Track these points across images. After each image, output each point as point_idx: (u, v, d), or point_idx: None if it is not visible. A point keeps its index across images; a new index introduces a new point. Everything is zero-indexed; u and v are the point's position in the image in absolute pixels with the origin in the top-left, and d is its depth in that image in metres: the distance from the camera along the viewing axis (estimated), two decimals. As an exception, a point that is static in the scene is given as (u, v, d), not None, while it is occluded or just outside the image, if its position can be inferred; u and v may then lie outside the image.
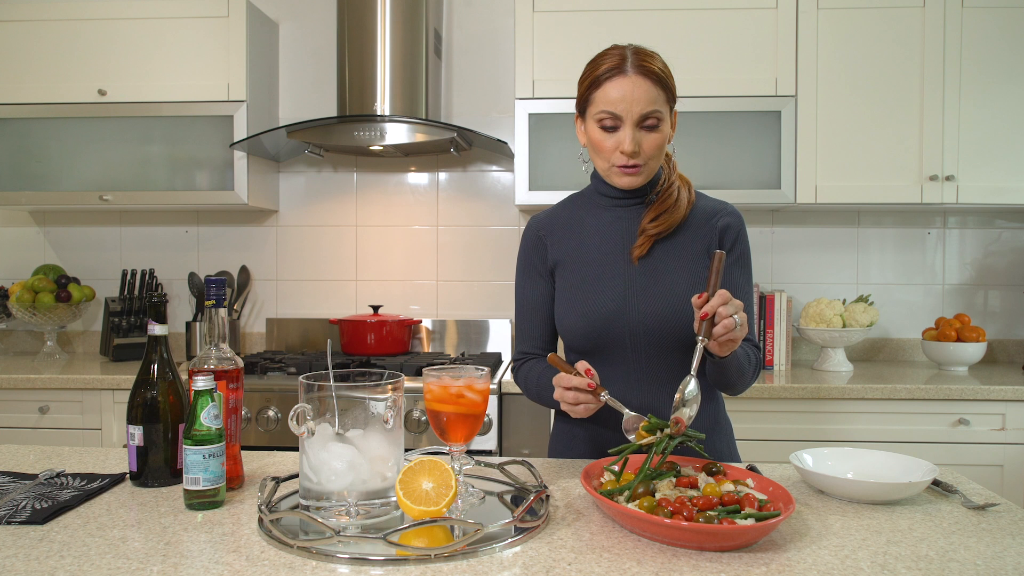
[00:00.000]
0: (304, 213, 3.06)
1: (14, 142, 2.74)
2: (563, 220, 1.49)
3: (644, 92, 1.30)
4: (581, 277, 1.41)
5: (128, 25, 2.69)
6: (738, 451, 1.51)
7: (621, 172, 1.35)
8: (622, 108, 1.30)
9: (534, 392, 1.46)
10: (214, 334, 1.24)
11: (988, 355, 2.87)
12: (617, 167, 1.35)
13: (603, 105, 1.31)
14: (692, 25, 2.57)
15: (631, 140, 1.31)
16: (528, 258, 1.49)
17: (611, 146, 1.33)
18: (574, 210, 1.49)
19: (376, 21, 2.63)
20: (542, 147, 2.62)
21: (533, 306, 1.48)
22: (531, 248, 1.49)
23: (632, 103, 1.30)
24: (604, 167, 1.38)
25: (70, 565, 0.90)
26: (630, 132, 1.31)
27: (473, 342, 2.96)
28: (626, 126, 1.31)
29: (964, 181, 2.54)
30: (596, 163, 1.40)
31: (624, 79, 1.30)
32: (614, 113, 1.31)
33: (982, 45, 2.52)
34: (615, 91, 1.30)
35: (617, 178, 1.37)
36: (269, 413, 2.31)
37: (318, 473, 1.04)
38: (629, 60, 1.31)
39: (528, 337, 1.50)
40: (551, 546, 0.97)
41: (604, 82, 1.31)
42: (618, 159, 1.34)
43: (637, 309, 1.36)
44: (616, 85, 1.30)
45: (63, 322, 2.90)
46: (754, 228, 2.96)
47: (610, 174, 1.38)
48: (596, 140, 1.35)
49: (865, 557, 0.93)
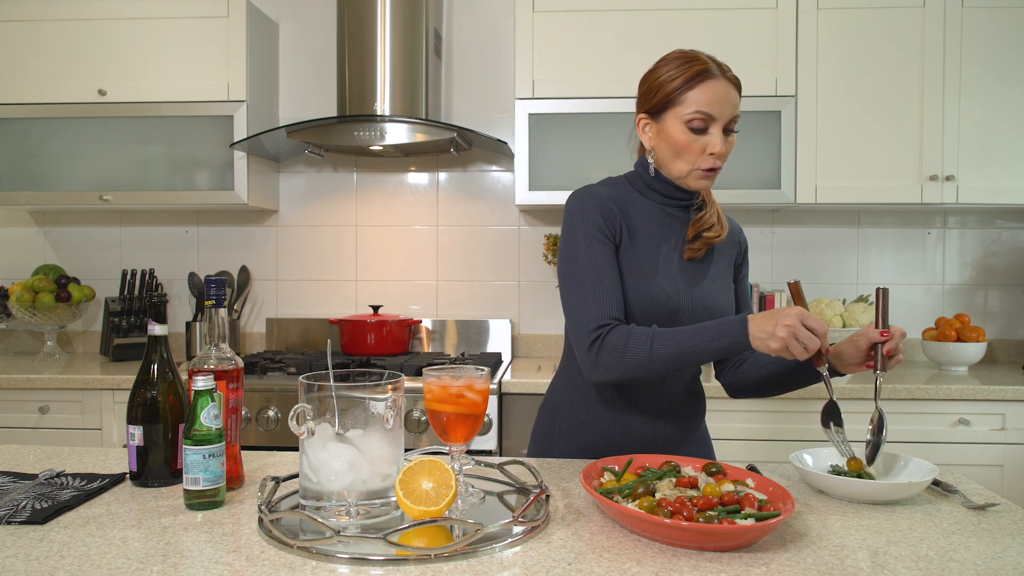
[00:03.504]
0: (304, 213, 3.06)
1: (14, 142, 2.74)
2: (620, 199, 1.43)
3: (732, 97, 1.33)
4: (637, 263, 1.38)
5: (128, 25, 2.69)
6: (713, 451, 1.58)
7: (702, 175, 1.35)
8: (717, 110, 1.30)
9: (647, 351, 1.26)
10: (214, 334, 1.24)
11: (988, 355, 2.87)
12: (702, 170, 1.35)
13: (697, 106, 1.30)
14: (692, 25, 2.57)
15: (723, 141, 1.32)
16: (596, 224, 1.37)
17: (699, 148, 1.33)
18: (625, 195, 1.44)
19: (376, 21, 2.63)
20: (542, 147, 2.62)
21: (613, 269, 1.36)
22: (605, 215, 1.38)
23: (726, 105, 1.31)
24: (685, 169, 1.35)
25: (70, 565, 0.90)
26: (721, 134, 1.32)
27: (473, 342, 2.96)
28: (717, 128, 1.32)
29: (964, 181, 2.54)
30: (672, 164, 1.36)
31: (719, 82, 1.31)
32: (709, 114, 1.30)
33: (982, 45, 2.52)
34: (711, 93, 1.30)
35: (696, 181, 1.36)
36: (269, 413, 2.31)
37: (318, 473, 1.04)
38: (715, 65, 1.33)
39: (610, 302, 1.33)
40: (551, 546, 0.97)
41: (698, 84, 1.31)
42: (705, 161, 1.33)
43: (688, 304, 1.40)
44: (712, 87, 1.31)
45: (63, 322, 2.90)
46: (754, 228, 2.96)
47: (689, 177, 1.36)
48: (683, 141, 1.33)
49: (865, 557, 0.93)
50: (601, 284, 1.34)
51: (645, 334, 1.27)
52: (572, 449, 1.45)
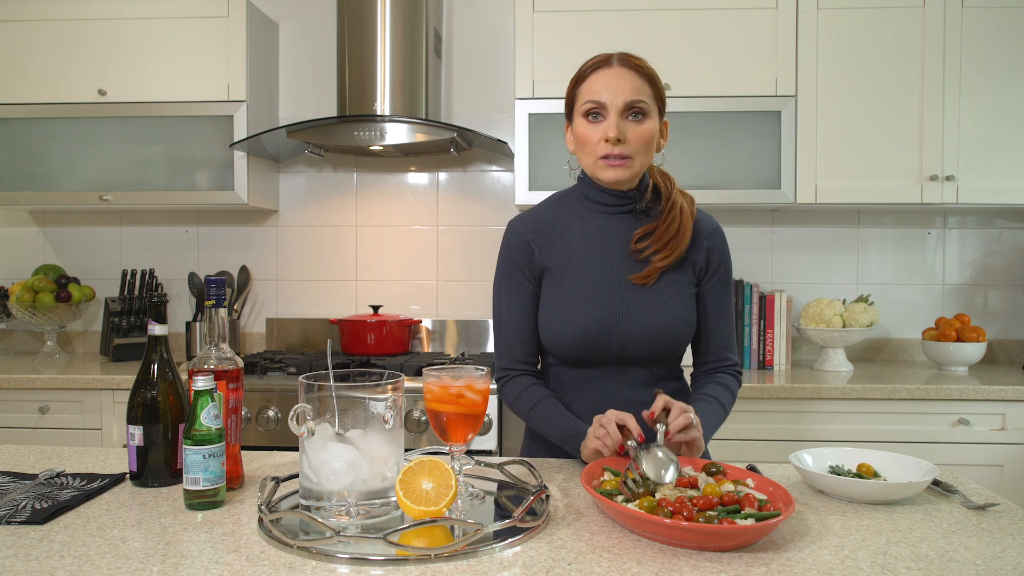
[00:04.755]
0: (304, 213, 3.06)
1: (14, 142, 2.74)
2: (549, 224, 1.42)
3: (629, 82, 1.31)
4: (571, 287, 1.37)
5: (128, 25, 2.69)
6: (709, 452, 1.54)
7: (606, 164, 1.33)
8: (607, 96, 1.31)
9: (534, 419, 1.40)
10: (214, 334, 1.24)
11: (988, 355, 2.87)
12: (601, 158, 1.33)
13: (588, 95, 1.33)
14: (692, 25, 2.57)
15: (615, 126, 1.31)
16: (513, 262, 1.41)
17: (596, 137, 1.33)
18: (560, 213, 1.43)
19: (376, 21, 2.63)
20: (542, 147, 2.62)
21: (519, 314, 1.41)
22: (517, 252, 1.41)
23: (617, 92, 1.31)
24: (590, 162, 1.36)
25: (70, 565, 0.90)
26: (615, 119, 1.31)
27: (473, 342, 2.96)
28: (611, 114, 1.31)
29: (964, 181, 2.54)
30: (583, 161, 1.38)
31: (609, 70, 1.33)
32: (599, 101, 1.32)
33: (982, 45, 2.52)
34: (599, 81, 1.32)
35: (602, 172, 1.34)
36: (269, 413, 2.31)
37: (318, 473, 1.04)
38: (615, 56, 1.34)
39: (514, 349, 1.42)
40: (551, 546, 0.97)
41: (589, 75, 1.34)
42: (603, 148, 1.32)
43: (629, 323, 1.35)
44: (600, 76, 1.33)
45: (63, 322, 2.90)
46: (754, 228, 2.96)
47: (596, 169, 1.35)
48: (582, 134, 1.34)
49: (865, 557, 0.93)
50: (506, 331, 1.43)
51: (528, 401, 1.39)
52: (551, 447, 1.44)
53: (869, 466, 1.23)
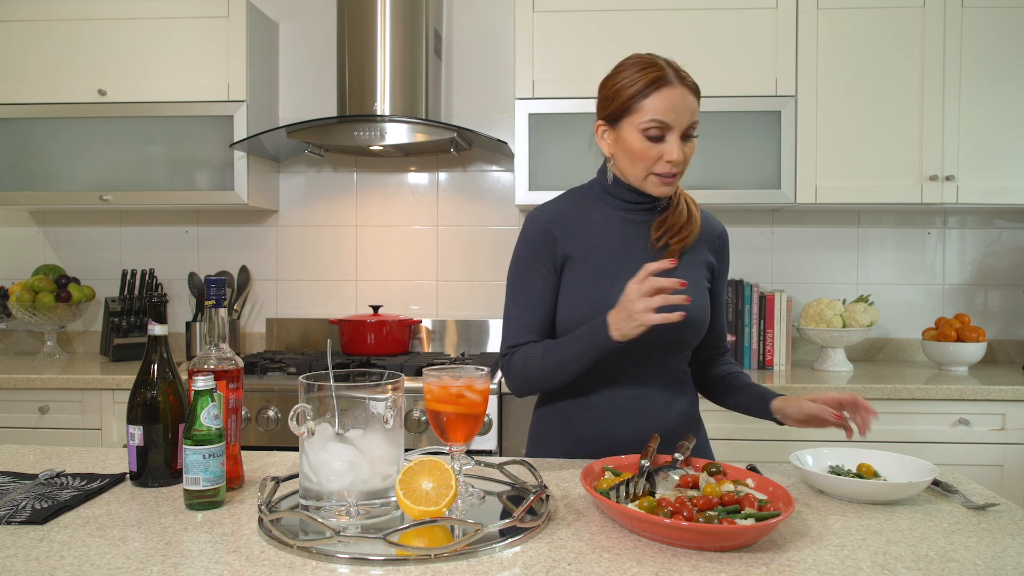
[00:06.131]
0: (304, 213, 3.06)
1: (14, 142, 2.74)
2: (571, 215, 1.44)
3: (689, 104, 1.31)
4: (592, 275, 1.39)
5: (128, 25, 2.69)
6: (712, 451, 1.57)
7: (660, 181, 1.34)
8: (673, 118, 1.30)
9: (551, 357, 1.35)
10: (214, 334, 1.24)
11: (988, 355, 2.87)
12: (657, 176, 1.34)
13: (652, 114, 1.30)
14: (692, 25, 2.57)
15: (679, 150, 1.31)
16: (535, 250, 1.42)
17: (655, 155, 1.32)
18: (580, 206, 1.45)
19: (376, 21, 2.63)
20: (542, 147, 2.62)
21: (539, 299, 1.41)
22: (540, 240, 1.42)
23: (681, 113, 1.30)
24: (639, 175, 1.36)
25: (70, 565, 0.90)
26: (677, 142, 1.31)
27: (473, 342, 2.96)
28: (674, 136, 1.31)
29: (964, 181, 2.54)
30: (629, 171, 1.37)
31: (674, 89, 1.30)
32: (664, 122, 1.30)
33: (982, 45, 2.52)
34: (666, 101, 1.30)
35: (654, 187, 1.36)
36: (269, 413, 2.31)
37: (318, 473, 1.04)
38: (672, 71, 1.31)
39: (526, 329, 1.41)
40: (551, 546, 0.97)
41: (653, 92, 1.30)
42: (661, 168, 1.33)
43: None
44: (667, 95, 1.30)
45: (63, 322, 2.90)
46: (754, 228, 2.96)
47: (646, 183, 1.36)
48: (638, 149, 1.32)
49: (865, 557, 0.93)
50: (522, 312, 1.41)
51: (539, 347, 1.37)
52: (559, 448, 1.44)
53: (869, 466, 1.23)
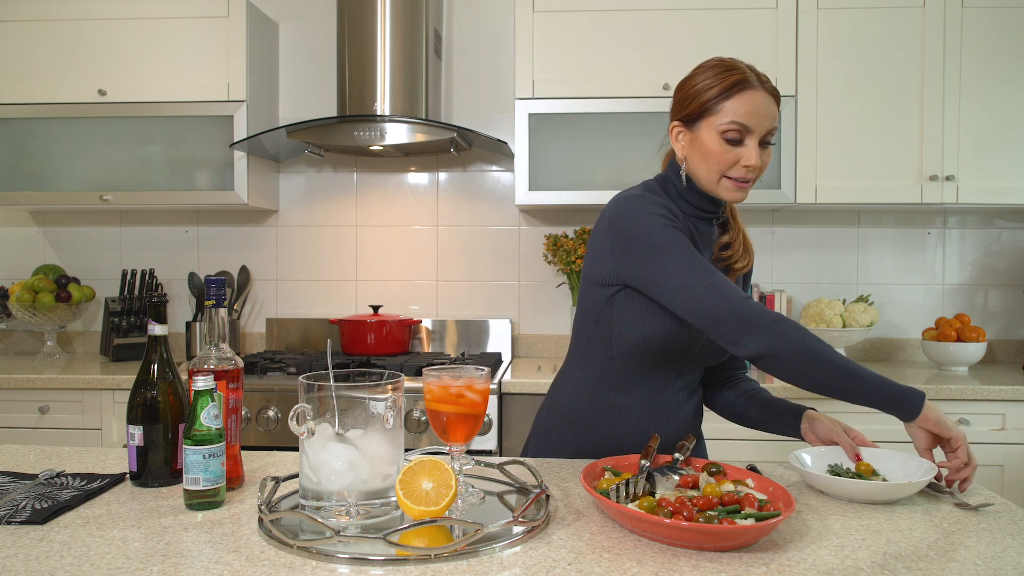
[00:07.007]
0: (304, 213, 3.06)
1: (14, 142, 2.74)
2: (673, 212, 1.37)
3: (771, 109, 1.30)
4: None
5: (128, 25, 2.69)
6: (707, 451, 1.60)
7: (735, 186, 1.32)
8: (754, 121, 1.28)
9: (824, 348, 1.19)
10: (214, 334, 1.24)
11: (988, 355, 2.87)
12: (733, 180, 1.31)
13: (734, 116, 1.28)
14: (692, 25, 2.57)
15: (757, 155, 1.29)
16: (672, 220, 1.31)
17: (731, 159, 1.30)
18: (670, 205, 1.37)
19: (376, 21, 2.63)
20: (542, 147, 2.62)
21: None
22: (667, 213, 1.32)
23: (762, 118, 1.29)
24: (713, 178, 1.32)
25: (70, 565, 0.90)
26: (756, 147, 1.29)
27: (473, 342, 2.96)
28: (753, 140, 1.29)
29: (964, 181, 2.54)
30: (700, 171, 1.33)
31: (756, 93, 1.29)
32: (745, 125, 1.28)
33: (982, 45, 2.52)
34: (748, 104, 1.28)
35: (727, 191, 1.33)
36: (269, 413, 2.31)
37: (318, 473, 1.04)
38: (751, 76, 1.30)
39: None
40: (551, 546, 0.97)
41: (736, 94, 1.28)
42: (737, 172, 1.30)
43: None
44: (749, 98, 1.28)
45: (63, 322, 2.90)
46: (754, 228, 2.96)
47: (719, 186, 1.33)
48: (715, 151, 1.30)
49: (865, 557, 0.93)
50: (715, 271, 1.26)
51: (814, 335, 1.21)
52: (578, 448, 1.44)
53: (869, 466, 1.23)
